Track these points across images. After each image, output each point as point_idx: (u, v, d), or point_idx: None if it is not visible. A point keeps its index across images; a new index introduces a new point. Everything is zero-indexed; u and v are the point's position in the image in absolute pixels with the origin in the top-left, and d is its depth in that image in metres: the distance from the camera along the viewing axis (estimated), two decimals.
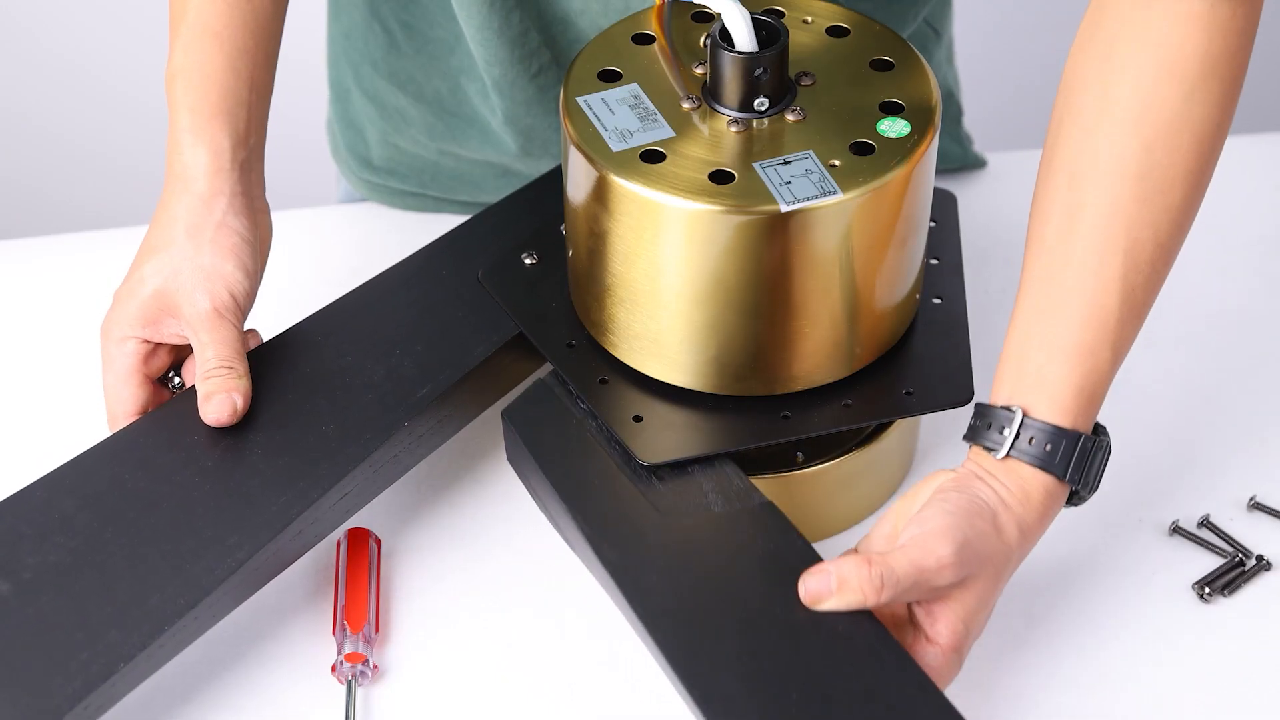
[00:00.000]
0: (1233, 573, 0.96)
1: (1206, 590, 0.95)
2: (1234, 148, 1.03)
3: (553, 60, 1.07)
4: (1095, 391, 0.88)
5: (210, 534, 0.87)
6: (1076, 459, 0.87)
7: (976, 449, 0.88)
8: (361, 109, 1.19)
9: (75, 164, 2.21)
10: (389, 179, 1.20)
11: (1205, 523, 0.99)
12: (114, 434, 0.92)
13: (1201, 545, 0.98)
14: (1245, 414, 1.06)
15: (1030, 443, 0.87)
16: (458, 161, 1.17)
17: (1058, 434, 0.87)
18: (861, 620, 0.84)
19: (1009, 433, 0.87)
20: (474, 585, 0.96)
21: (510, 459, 0.97)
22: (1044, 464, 0.87)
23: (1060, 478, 0.87)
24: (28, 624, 0.83)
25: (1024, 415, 0.87)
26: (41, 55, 2.15)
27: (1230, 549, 0.98)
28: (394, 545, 0.98)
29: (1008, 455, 0.87)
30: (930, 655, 0.84)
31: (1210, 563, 0.97)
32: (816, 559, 0.87)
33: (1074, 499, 0.89)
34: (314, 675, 0.92)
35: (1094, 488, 0.89)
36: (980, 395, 0.93)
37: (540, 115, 1.10)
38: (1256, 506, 1.00)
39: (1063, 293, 0.88)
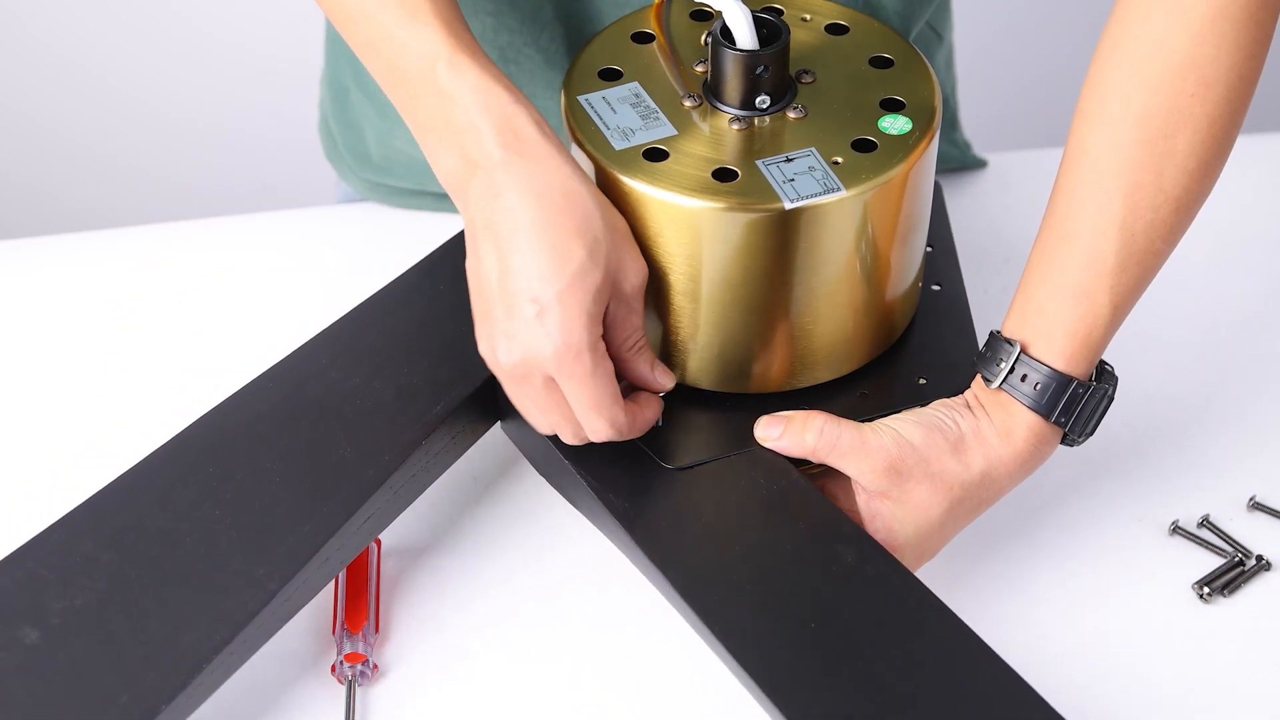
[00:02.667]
0: (1233, 573, 0.96)
1: (1206, 590, 0.95)
2: (1234, 147, 1.03)
3: (564, 36, 1.06)
4: (1091, 337, 0.88)
5: (238, 567, 0.86)
6: (1066, 402, 0.88)
7: (978, 377, 0.90)
8: (360, 108, 1.19)
9: (75, 164, 2.21)
10: (387, 177, 1.20)
11: (1205, 523, 0.99)
12: (127, 472, 0.90)
13: (1201, 545, 0.98)
14: (1245, 414, 1.06)
15: (1023, 380, 0.88)
16: None
17: (1051, 375, 0.88)
18: (869, 551, 0.86)
19: (1004, 366, 0.89)
20: (474, 585, 0.96)
21: (504, 424, 0.97)
22: (1033, 403, 0.88)
23: (1047, 418, 0.88)
24: (61, 671, 0.81)
25: (1022, 351, 0.88)
26: (42, 55, 2.15)
27: (1230, 549, 0.98)
28: (394, 546, 0.98)
29: (1000, 387, 0.89)
30: None
31: (1210, 563, 0.97)
32: (820, 498, 0.89)
33: (1069, 440, 0.91)
34: (314, 675, 0.92)
35: (1089, 433, 0.90)
36: None
37: (542, 87, 1.09)
38: (1256, 506, 1.00)
39: (1064, 233, 0.89)
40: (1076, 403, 0.89)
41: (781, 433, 0.90)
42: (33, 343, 1.11)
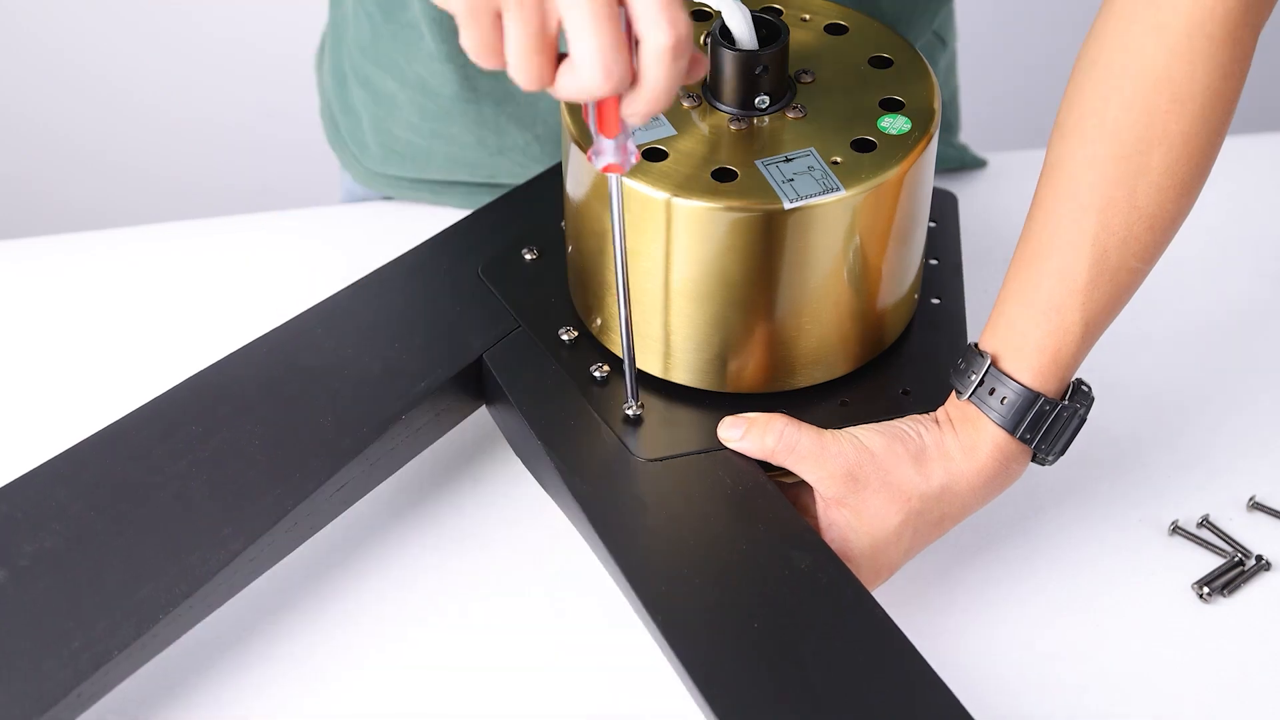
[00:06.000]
0: (1232, 573, 0.96)
1: (1206, 590, 0.95)
2: (1234, 148, 1.03)
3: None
4: (1061, 354, 0.88)
5: (205, 525, 0.87)
6: (1033, 419, 0.88)
7: (953, 391, 0.91)
8: (357, 95, 1.20)
9: (75, 164, 2.21)
10: (386, 166, 1.20)
11: (1205, 523, 0.99)
12: (109, 425, 0.92)
13: (1201, 545, 0.98)
14: (1245, 414, 1.06)
15: (991, 393, 0.89)
16: (450, 144, 1.17)
17: (1019, 391, 0.88)
18: (823, 559, 0.86)
19: (974, 379, 0.89)
20: (472, 581, 0.96)
21: (488, 404, 0.97)
22: (1000, 419, 0.88)
23: (1013, 434, 0.88)
24: (22, 611, 0.83)
25: (992, 364, 0.89)
26: (41, 55, 2.15)
27: (1230, 549, 0.98)
28: (391, 541, 0.98)
29: (969, 400, 0.89)
30: None
31: (1210, 563, 0.97)
32: (783, 502, 0.89)
33: (1039, 459, 0.91)
34: (313, 674, 0.92)
35: (1059, 452, 0.90)
36: None
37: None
38: (1256, 506, 1.00)
39: (1038, 247, 0.89)
40: (1043, 420, 0.88)
41: (743, 434, 0.90)
42: (33, 343, 1.11)
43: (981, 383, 0.89)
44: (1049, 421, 0.89)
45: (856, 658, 0.82)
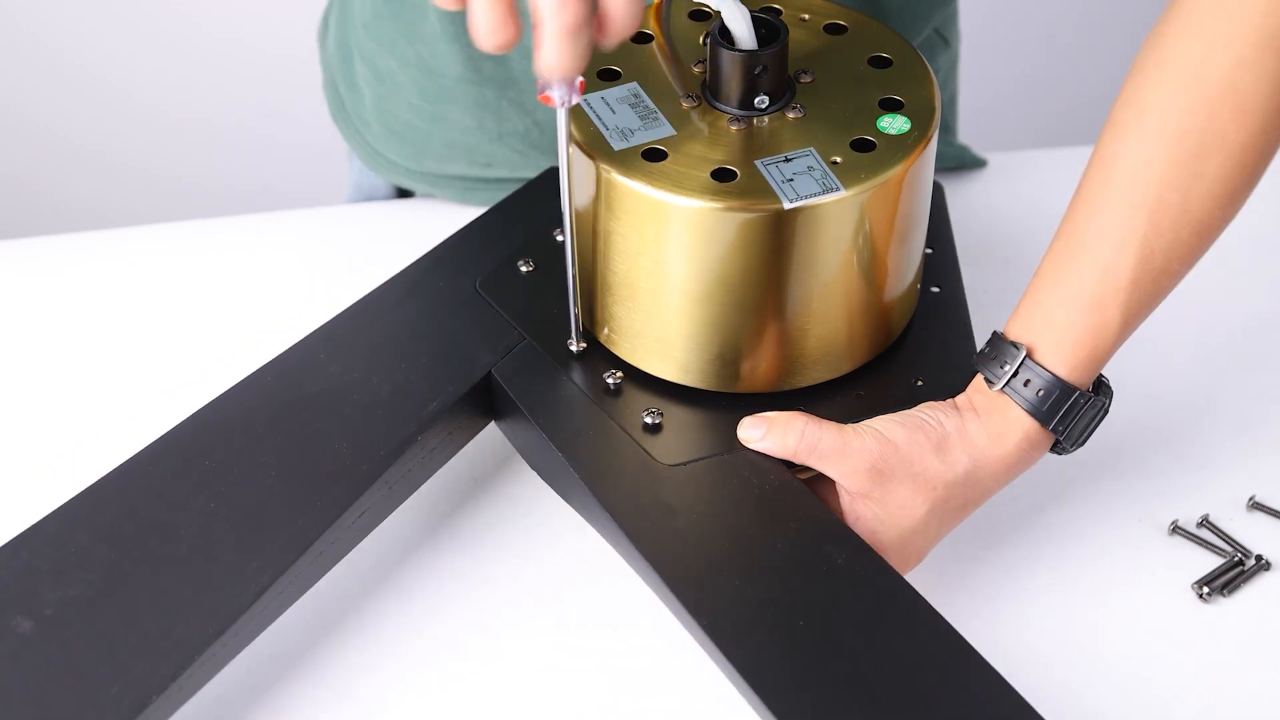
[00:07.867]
0: (1232, 572, 0.96)
1: (1206, 590, 0.95)
2: None
3: None
4: (1098, 349, 0.89)
5: (231, 560, 0.86)
6: (1066, 412, 0.89)
7: (979, 378, 0.90)
8: (360, 72, 1.20)
9: (75, 164, 2.21)
10: (387, 149, 1.20)
11: (1205, 522, 0.99)
12: (124, 463, 0.90)
13: (1201, 545, 0.98)
14: (1245, 414, 1.06)
15: (1025, 385, 0.89)
16: (449, 128, 1.17)
17: (1054, 383, 0.88)
18: (858, 552, 0.86)
19: (1009, 369, 0.89)
20: (472, 584, 0.96)
21: (500, 422, 0.97)
22: (1033, 410, 0.89)
23: (1045, 425, 0.89)
24: (54, 661, 0.82)
25: (1027, 356, 0.89)
26: (41, 55, 2.15)
27: (1230, 549, 0.98)
28: (393, 549, 0.98)
29: (1001, 390, 0.89)
30: None
31: (1210, 562, 0.97)
32: (812, 499, 0.89)
33: (1059, 449, 0.91)
34: (315, 675, 0.92)
35: (1080, 443, 0.91)
36: None
37: (533, 86, 1.09)
38: (1256, 506, 1.00)
39: (1083, 242, 0.89)
40: (1075, 413, 0.89)
41: (764, 434, 0.90)
42: (33, 343, 1.11)
43: (1015, 373, 0.89)
44: (1079, 414, 0.89)
45: (906, 648, 0.82)
